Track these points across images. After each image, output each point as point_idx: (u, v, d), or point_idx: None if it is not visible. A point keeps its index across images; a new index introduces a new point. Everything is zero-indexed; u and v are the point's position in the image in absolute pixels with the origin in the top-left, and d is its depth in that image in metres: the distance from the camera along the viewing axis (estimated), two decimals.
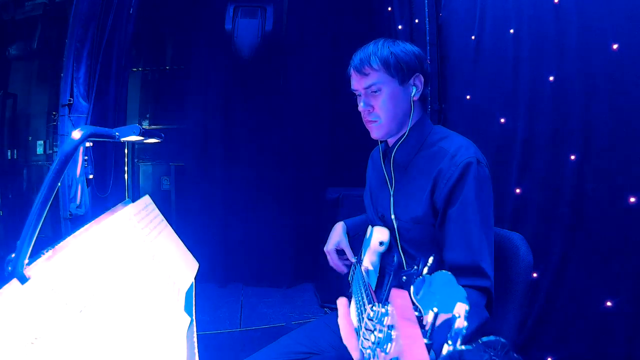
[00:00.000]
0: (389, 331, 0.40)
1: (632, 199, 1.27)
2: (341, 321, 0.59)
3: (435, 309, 0.39)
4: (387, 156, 1.08)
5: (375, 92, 0.98)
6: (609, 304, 1.34)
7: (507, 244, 1.00)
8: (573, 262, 1.46)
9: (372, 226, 1.12)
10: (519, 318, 0.97)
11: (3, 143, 3.15)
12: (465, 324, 0.37)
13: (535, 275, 1.53)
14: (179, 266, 1.04)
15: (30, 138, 3.29)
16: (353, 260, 1.15)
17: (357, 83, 1.01)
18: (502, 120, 1.76)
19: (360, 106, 1.01)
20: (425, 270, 0.44)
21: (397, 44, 1.00)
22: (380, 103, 0.98)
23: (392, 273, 0.49)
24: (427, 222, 0.96)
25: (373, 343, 0.42)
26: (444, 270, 0.42)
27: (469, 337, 0.36)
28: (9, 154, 3.19)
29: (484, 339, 0.33)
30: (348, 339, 0.57)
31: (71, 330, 0.53)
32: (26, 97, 3.25)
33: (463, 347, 0.33)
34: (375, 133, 1.03)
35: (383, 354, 0.40)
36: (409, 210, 1.00)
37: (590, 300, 1.39)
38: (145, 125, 3.45)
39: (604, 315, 1.35)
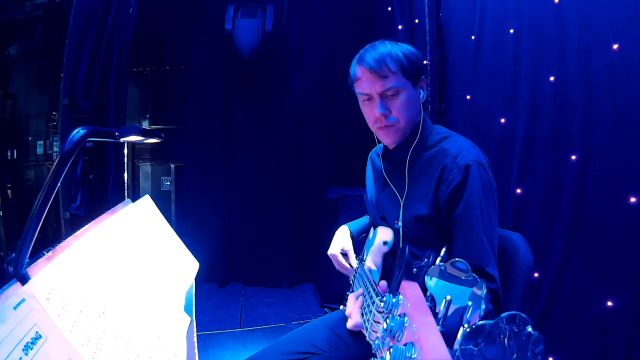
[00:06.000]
0: (401, 319, 0.40)
1: (633, 199, 1.27)
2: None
3: (449, 297, 0.39)
4: (387, 157, 1.08)
5: (393, 95, 0.94)
6: (609, 303, 1.34)
7: (507, 244, 1.00)
8: (574, 262, 1.46)
9: (375, 227, 1.11)
10: None
11: (3, 143, 3.14)
12: (484, 306, 0.37)
13: (536, 275, 1.53)
14: (179, 266, 1.04)
15: (30, 138, 3.28)
16: (355, 264, 1.15)
17: (371, 85, 0.94)
18: (503, 120, 1.76)
19: (377, 111, 0.94)
20: (438, 260, 0.44)
21: (401, 45, 0.98)
22: (397, 106, 0.95)
23: (403, 265, 0.49)
24: (431, 221, 0.96)
25: (383, 332, 0.42)
26: (458, 259, 0.42)
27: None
28: (9, 154, 3.19)
29: (505, 314, 0.33)
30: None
31: (71, 330, 0.53)
32: (26, 97, 3.25)
33: (482, 322, 0.33)
34: (392, 138, 0.99)
35: (394, 341, 0.39)
36: (412, 210, 0.99)
37: (591, 300, 1.39)
38: (145, 125, 3.45)
39: (604, 315, 1.35)
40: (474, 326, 0.33)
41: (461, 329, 0.34)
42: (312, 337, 1.12)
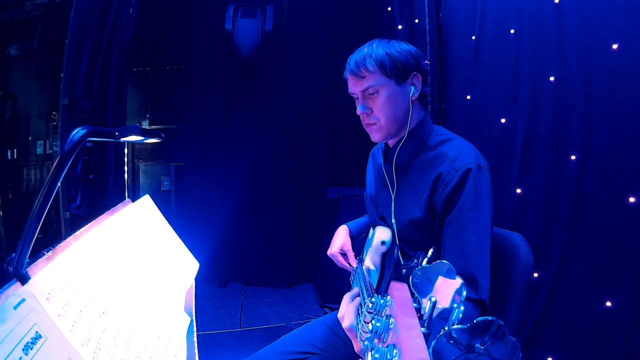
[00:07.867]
0: (387, 320, 0.40)
1: (632, 199, 1.27)
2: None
3: (433, 299, 0.39)
4: (388, 157, 1.08)
5: (373, 94, 0.97)
6: (608, 304, 1.34)
7: (507, 244, 1.00)
8: (573, 262, 1.46)
9: (374, 226, 1.11)
10: (520, 318, 0.97)
11: (3, 143, 3.14)
12: (463, 308, 0.36)
13: (535, 275, 1.53)
14: (179, 266, 1.04)
15: (30, 138, 3.28)
16: (354, 264, 1.15)
17: (354, 86, 0.99)
18: (503, 120, 1.76)
19: (358, 109, 1.00)
20: (425, 261, 0.44)
21: (392, 44, 0.98)
22: (378, 105, 0.97)
23: (392, 266, 0.49)
24: (426, 225, 0.96)
25: (370, 332, 0.42)
26: (443, 260, 0.42)
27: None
28: (9, 154, 3.19)
29: (480, 319, 0.32)
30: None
31: (71, 330, 0.53)
32: (26, 97, 3.25)
33: (457, 326, 0.33)
34: (376, 136, 1.02)
35: (380, 343, 0.39)
36: (408, 212, 0.99)
37: (590, 300, 1.39)
38: (145, 125, 3.45)
39: (603, 315, 1.35)
40: (447, 329, 0.33)
41: (442, 331, 0.34)
42: (312, 337, 1.13)
